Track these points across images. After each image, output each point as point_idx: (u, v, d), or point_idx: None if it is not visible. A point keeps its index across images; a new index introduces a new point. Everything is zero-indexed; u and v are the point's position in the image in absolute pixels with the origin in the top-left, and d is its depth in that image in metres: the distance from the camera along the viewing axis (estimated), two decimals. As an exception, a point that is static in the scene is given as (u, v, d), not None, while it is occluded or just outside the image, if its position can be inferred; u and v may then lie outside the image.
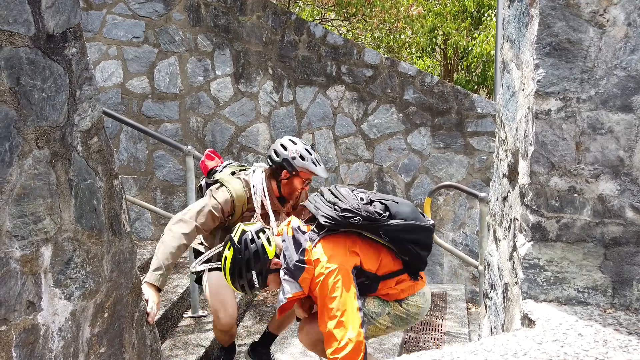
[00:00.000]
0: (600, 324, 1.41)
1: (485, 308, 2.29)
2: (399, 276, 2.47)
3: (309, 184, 3.37)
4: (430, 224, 2.48)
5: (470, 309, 5.11)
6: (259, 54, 5.32)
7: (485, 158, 5.39)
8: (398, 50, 9.71)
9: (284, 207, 3.43)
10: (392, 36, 9.30)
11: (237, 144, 5.36)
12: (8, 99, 1.58)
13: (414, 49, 10.36)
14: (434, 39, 9.94)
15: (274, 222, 3.35)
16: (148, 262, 4.64)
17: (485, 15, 9.68)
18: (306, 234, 2.47)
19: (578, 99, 1.51)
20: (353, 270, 2.40)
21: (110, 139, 5.56)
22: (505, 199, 1.91)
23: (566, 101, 1.51)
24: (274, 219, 3.35)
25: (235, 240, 2.48)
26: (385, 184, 5.48)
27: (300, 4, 9.39)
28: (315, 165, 3.27)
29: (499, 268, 1.98)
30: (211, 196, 3.16)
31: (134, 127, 4.40)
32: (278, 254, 2.51)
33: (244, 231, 2.51)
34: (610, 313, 1.48)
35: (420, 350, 4.05)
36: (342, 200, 2.48)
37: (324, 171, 3.35)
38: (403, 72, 5.37)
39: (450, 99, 5.38)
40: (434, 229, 2.54)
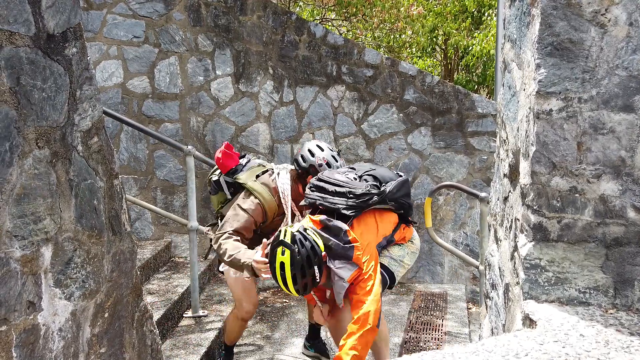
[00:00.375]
0: (602, 325, 1.41)
1: (486, 308, 2.29)
2: (401, 225, 2.97)
3: None
4: (403, 175, 3.02)
5: (470, 309, 5.10)
6: (259, 53, 5.32)
7: (485, 158, 5.38)
8: (398, 50, 9.71)
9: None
10: (393, 36, 9.30)
11: (238, 143, 5.36)
12: (8, 98, 1.57)
13: (414, 49, 10.36)
14: (434, 39, 9.93)
15: (296, 222, 3.40)
16: (148, 262, 4.65)
17: (486, 15, 9.68)
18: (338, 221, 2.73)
19: (579, 99, 1.50)
20: (384, 239, 2.88)
21: (110, 139, 5.57)
22: (506, 199, 1.91)
23: (567, 101, 1.51)
24: (300, 220, 3.41)
25: (289, 242, 2.59)
26: (385, 183, 5.47)
27: (300, 3, 9.38)
28: None
29: (499, 268, 1.98)
30: (241, 208, 3.21)
31: (135, 127, 4.40)
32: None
33: (292, 233, 2.62)
34: (611, 313, 1.48)
35: (420, 350, 4.06)
36: (352, 187, 2.81)
37: None
38: (403, 72, 5.37)
39: (450, 99, 5.37)
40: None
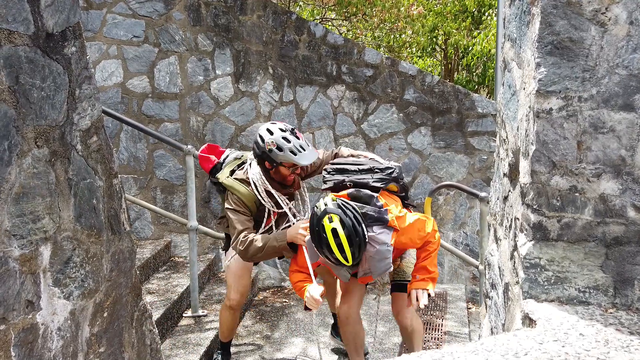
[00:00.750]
0: (602, 324, 1.40)
1: (486, 308, 2.28)
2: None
3: (296, 169, 3.30)
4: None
5: (470, 309, 5.10)
6: (259, 53, 5.32)
7: (485, 158, 5.38)
8: (398, 50, 9.71)
9: (292, 189, 3.42)
10: (393, 36, 9.30)
11: (238, 143, 5.36)
12: (7, 97, 1.57)
13: (414, 49, 10.35)
14: (434, 39, 9.93)
15: (286, 206, 3.38)
16: (148, 262, 4.65)
17: (486, 14, 9.67)
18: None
19: (579, 98, 1.50)
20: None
21: (110, 139, 5.57)
22: (506, 198, 1.90)
23: (567, 100, 1.51)
24: (287, 202, 3.38)
25: (333, 209, 2.72)
26: (385, 183, 5.47)
27: (300, 3, 9.38)
28: (295, 154, 3.17)
29: (499, 268, 1.97)
30: (228, 209, 3.26)
31: (134, 127, 4.40)
32: None
33: (325, 204, 2.76)
34: (611, 313, 1.48)
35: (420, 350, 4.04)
36: (374, 164, 3.09)
37: (307, 157, 3.22)
38: (403, 72, 5.36)
39: (450, 99, 5.37)
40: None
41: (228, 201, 3.29)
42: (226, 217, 3.33)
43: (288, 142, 3.16)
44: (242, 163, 3.42)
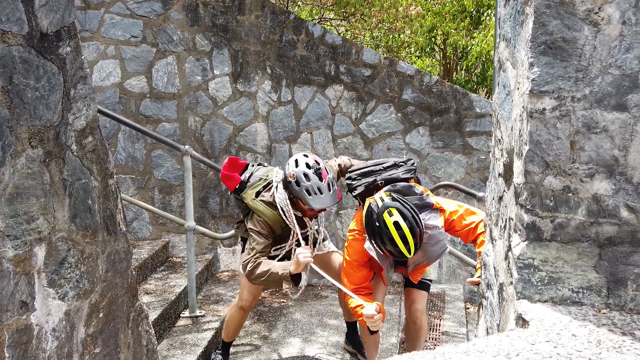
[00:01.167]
0: (595, 325, 1.40)
1: (482, 308, 2.28)
2: None
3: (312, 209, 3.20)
4: None
5: (468, 309, 5.10)
6: (257, 53, 5.32)
7: (483, 158, 5.38)
8: (397, 50, 9.70)
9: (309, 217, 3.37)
10: (391, 36, 9.29)
11: (236, 143, 5.36)
12: (0, 98, 1.57)
13: (413, 49, 10.35)
14: (433, 39, 9.93)
15: (310, 227, 3.39)
16: (146, 262, 4.65)
17: (485, 14, 9.67)
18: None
19: (573, 98, 1.50)
20: None
21: (108, 139, 5.55)
22: (500, 198, 1.90)
23: (561, 100, 1.50)
24: (309, 224, 3.39)
25: (391, 202, 2.76)
26: (383, 183, 5.47)
27: (299, 3, 9.38)
28: (309, 195, 3.08)
29: (494, 268, 1.97)
30: (252, 230, 3.25)
31: (132, 127, 4.40)
32: None
33: (382, 199, 2.80)
34: (604, 313, 1.48)
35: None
36: (395, 159, 3.19)
37: (321, 201, 3.09)
38: (402, 72, 5.36)
39: (448, 99, 5.37)
40: None
41: (252, 222, 3.26)
42: (248, 239, 3.33)
43: (307, 180, 3.08)
44: (268, 184, 3.36)
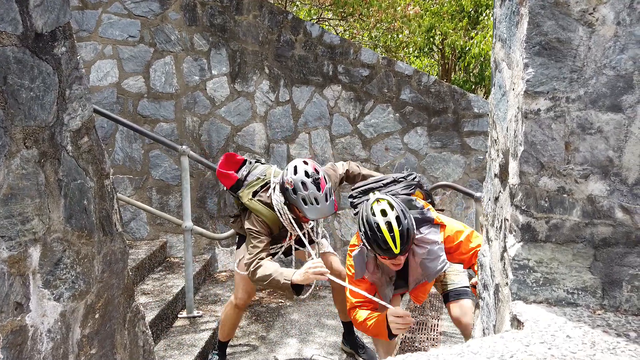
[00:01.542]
0: (589, 326, 1.40)
1: (478, 308, 2.28)
2: None
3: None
4: None
5: (466, 309, 5.09)
6: (255, 53, 5.31)
7: (481, 158, 5.38)
8: (395, 50, 9.70)
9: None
10: (390, 36, 9.29)
11: (234, 143, 5.35)
12: (-6, 98, 1.57)
13: (411, 49, 10.35)
14: (431, 39, 9.92)
15: (307, 228, 3.39)
16: (143, 262, 4.64)
17: (483, 14, 9.67)
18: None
19: (567, 99, 1.50)
20: None
21: (105, 139, 5.55)
22: (496, 199, 1.90)
23: (555, 101, 1.50)
24: (305, 227, 3.39)
25: (382, 195, 2.76)
26: (381, 183, 5.47)
27: (297, 3, 9.37)
28: (305, 204, 3.05)
29: (490, 269, 1.97)
30: (250, 230, 3.23)
31: (129, 127, 4.40)
32: None
33: (376, 200, 2.74)
34: (599, 314, 1.47)
35: (415, 351, 4.04)
36: (396, 175, 3.13)
37: (317, 211, 3.06)
38: (400, 72, 5.36)
39: (447, 99, 5.37)
40: None
41: (251, 221, 3.25)
42: (244, 228, 3.33)
43: (304, 190, 3.05)
44: (265, 184, 3.34)
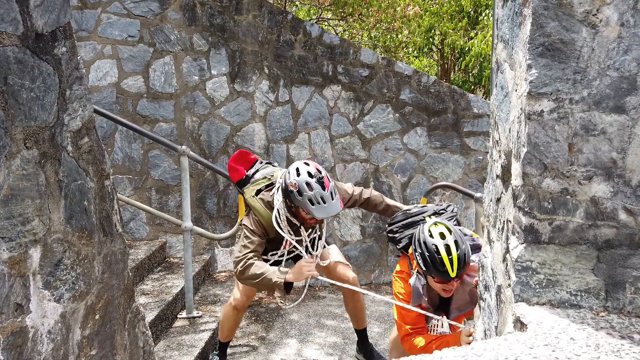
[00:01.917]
0: (593, 328, 1.39)
1: (480, 310, 2.28)
2: None
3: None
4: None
5: (466, 310, 5.09)
6: (255, 53, 5.31)
7: (481, 158, 5.38)
8: (395, 50, 9.70)
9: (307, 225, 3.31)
10: (389, 36, 9.29)
11: (233, 143, 5.34)
12: (-5, 99, 1.56)
13: (410, 49, 10.35)
14: (430, 39, 9.93)
15: (304, 235, 3.35)
16: (143, 263, 4.63)
17: (483, 15, 9.68)
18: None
19: (571, 100, 1.49)
20: None
21: (105, 139, 5.53)
22: (498, 200, 1.90)
23: (559, 102, 1.50)
24: (304, 234, 3.35)
25: (439, 219, 2.81)
26: (381, 184, 5.46)
27: (297, 3, 9.37)
28: (312, 204, 3.03)
29: (492, 270, 1.97)
30: (245, 227, 3.23)
31: (128, 127, 4.38)
32: None
33: (434, 223, 2.77)
34: (603, 316, 1.47)
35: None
36: (433, 207, 3.16)
37: (324, 210, 3.04)
38: (399, 72, 5.35)
39: (446, 99, 5.36)
40: None
41: (248, 219, 3.24)
42: (241, 234, 3.31)
43: (309, 190, 3.02)
44: (271, 184, 3.33)
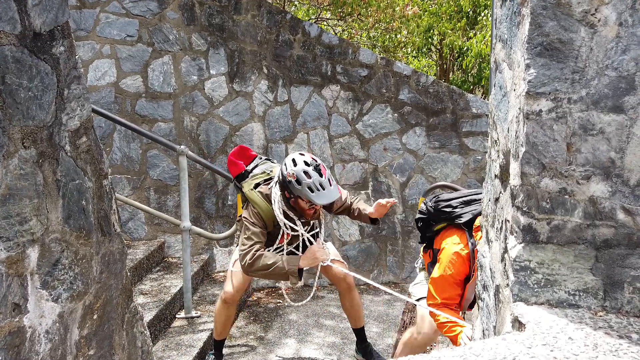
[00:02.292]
0: (591, 327, 1.39)
1: (478, 309, 2.28)
2: None
3: (314, 205, 3.19)
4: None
5: (464, 310, 5.09)
6: (253, 53, 5.30)
7: (480, 158, 5.38)
8: (394, 50, 9.70)
9: (308, 218, 3.35)
10: (388, 36, 9.29)
11: (232, 143, 5.34)
12: (-8, 98, 1.55)
13: (409, 49, 10.35)
14: (429, 39, 9.93)
15: (301, 229, 3.36)
16: (141, 263, 4.63)
17: (482, 15, 9.68)
18: None
19: (569, 100, 1.49)
20: None
21: (103, 138, 5.52)
22: (497, 200, 1.90)
23: (557, 102, 1.50)
24: (301, 227, 3.37)
25: None
26: (380, 184, 5.47)
27: (295, 3, 9.37)
28: (312, 191, 3.08)
29: (490, 269, 1.97)
30: (246, 220, 3.28)
31: (127, 127, 4.38)
32: None
33: None
34: (601, 316, 1.47)
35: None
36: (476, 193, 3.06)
37: (324, 196, 3.10)
38: (398, 72, 5.35)
39: (445, 99, 5.36)
40: None
41: (247, 212, 3.30)
42: (243, 227, 3.35)
43: (308, 178, 3.08)
44: (269, 179, 3.39)
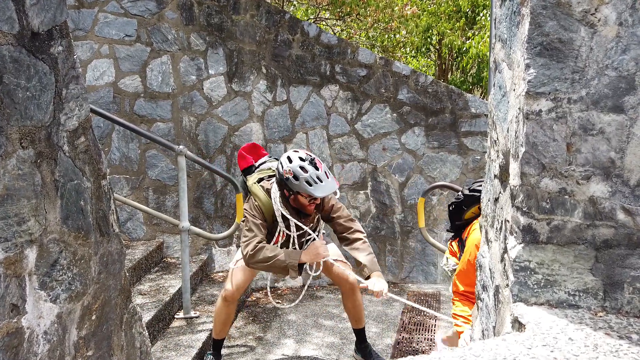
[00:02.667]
0: (591, 328, 1.39)
1: (477, 309, 2.27)
2: None
3: (315, 199, 3.23)
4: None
5: (463, 310, 5.09)
6: (252, 53, 5.30)
7: (479, 158, 5.38)
8: (392, 50, 9.70)
9: (307, 218, 3.38)
10: (387, 36, 9.29)
11: (231, 143, 5.33)
12: (-10, 98, 1.55)
13: (408, 49, 10.35)
14: (428, 39, 9.93)
15: (294, 233, 3.37)
16: (139, 263, 4.62)
17: (480, 15, 9.68)
18: None
19: (569, 100, 1.49)
20: None
21: (102, 138, 5.51)
22: (496, 200, 1.89)
23: (557, 102, 1.49)
24: (299, 226, 3.37)
25: None
26: (379, 183, 5.46)
27: (294, 3, 9.36)
28: (310, 185, 3.11)
29: (490, 270, 1.96)
30: (247, 212, 3.32)
31: (126, 127, 4.37)
32: None
33: None
34: (601, 316, 1.47)
35: (413, 351, 4.03)
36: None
37: (323, 189, 3.13)
38: (397, 72, 5.35)
39: (444, 99, 5.36)
40: None
41: (249, 204, 3.35)
42: (244, 219, 3.39)
43: (305, 172, 3.12)
44: (273, 175, 3.45)
